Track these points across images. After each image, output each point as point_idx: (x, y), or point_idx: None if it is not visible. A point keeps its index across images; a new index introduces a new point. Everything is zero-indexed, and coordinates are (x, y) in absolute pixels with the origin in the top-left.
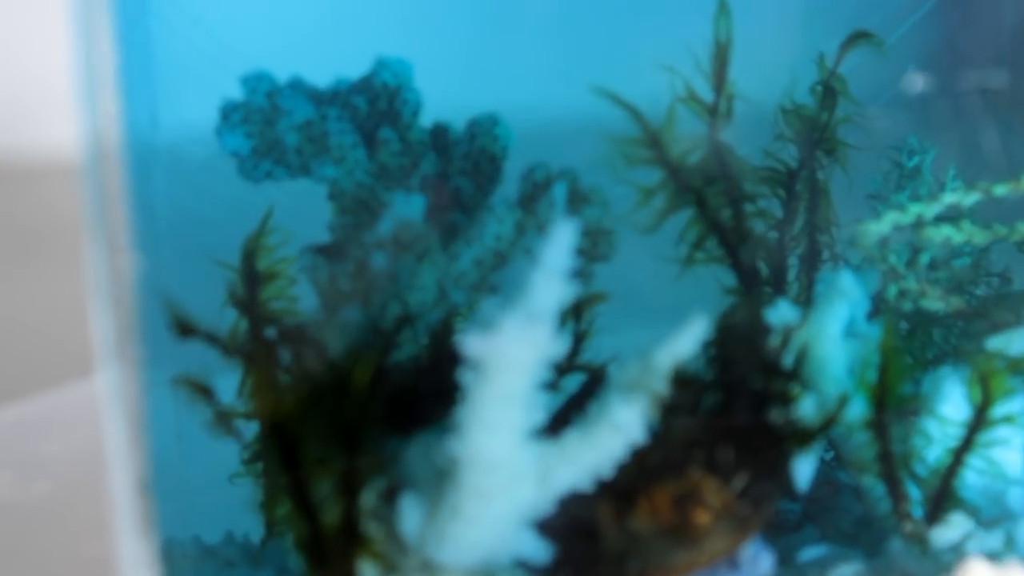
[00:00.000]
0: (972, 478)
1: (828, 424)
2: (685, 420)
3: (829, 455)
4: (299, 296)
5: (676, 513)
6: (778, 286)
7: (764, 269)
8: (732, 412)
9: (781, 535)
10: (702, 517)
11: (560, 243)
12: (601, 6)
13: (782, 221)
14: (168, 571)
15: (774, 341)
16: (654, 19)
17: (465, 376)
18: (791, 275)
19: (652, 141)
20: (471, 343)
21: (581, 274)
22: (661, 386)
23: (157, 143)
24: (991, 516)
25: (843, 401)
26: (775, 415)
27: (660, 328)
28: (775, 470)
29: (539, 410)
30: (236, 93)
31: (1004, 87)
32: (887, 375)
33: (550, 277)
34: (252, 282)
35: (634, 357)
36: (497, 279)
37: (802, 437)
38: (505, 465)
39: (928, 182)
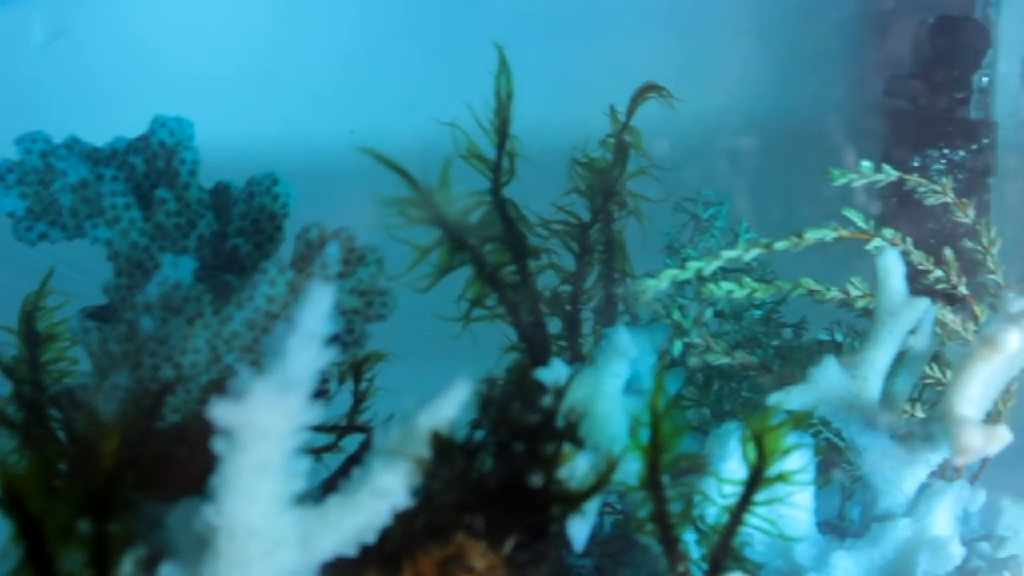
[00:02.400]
0: (759, 535)
1: (598, 487)
2: (451, 484)
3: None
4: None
5: None
6: (571, 340)
7: (557, 324)
8: (500, 474)
9: None
10: None
11: (316, 307)
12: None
13: (575, 274)
14: None
15: (546, 401)
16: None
17: (218, 444)
18: (587, 328)
19: (424, 201)
20: (220, 411)
21: (353, 334)
22: (423, 450)
23: None
24: (779, 572)
25: (612, 463)
26: (542, 477)
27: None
28: (545, 532)
29: (298, 477)
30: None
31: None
32: (658, 434)
33: (306, 342)
34: (31, 344)
35: (396, 421)
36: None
37: (570, 500)
38: (264, 533)
39: (716, 236)
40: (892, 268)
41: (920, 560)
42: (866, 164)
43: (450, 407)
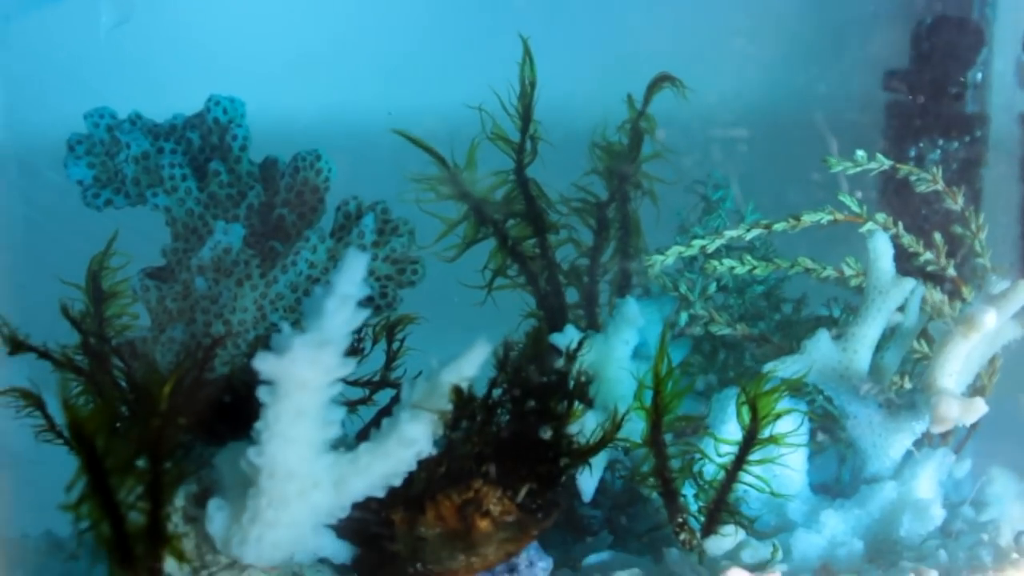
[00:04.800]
0: (756, 493)
1: (604, 442)
2: (471, 435)
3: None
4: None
5: (459, 520)
6: (589, 309)
7: (574, 294)
8: (515, 428)
9: (580, 539)
10: (482, 523)
11: (350, 272)
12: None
13: (593, 249)
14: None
15: (559, 363)
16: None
17: (262, 393)
18: (604, 299)
19: (452, 179)
20: (263, 362)
21: (386, 298)
22: (445, 404)
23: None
24: (772, 527)
25: (617, 421)
26: (552, 432)
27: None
28: (556, 482)
29: (333, 425)
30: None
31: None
32: (660, 396)
33: (341, 304)
34: (97, 300)
35: (422, 377)
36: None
37: (579, 453)
38: (301, 474)
39: (722, 216)
40: (882, 250)
41: (904, 520)
42: (860, 153)
43: (470, 366)
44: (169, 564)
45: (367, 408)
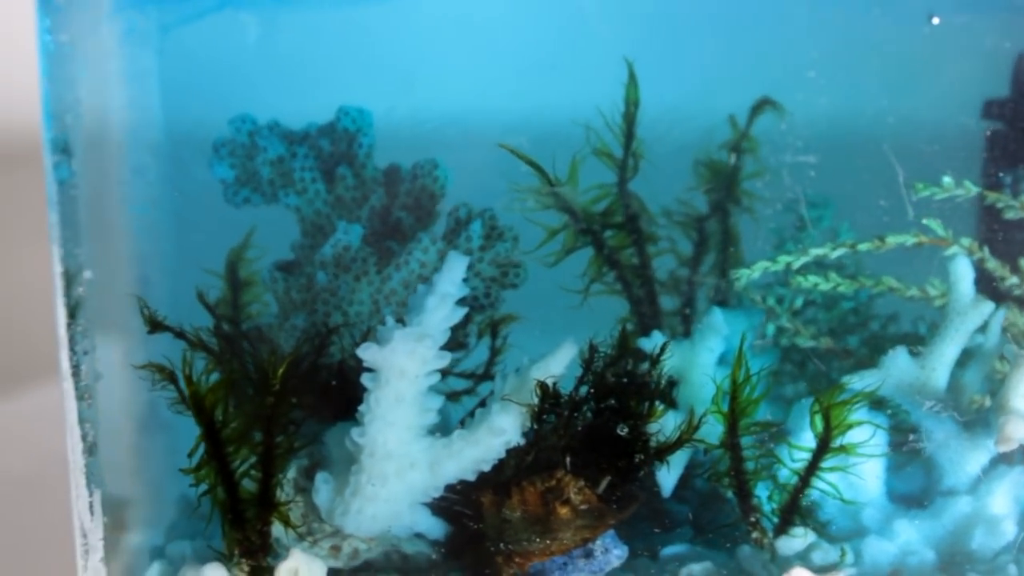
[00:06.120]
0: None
1: (681, 441)
2: (557, 428)
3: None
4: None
5: (541, 505)
6: (685, 318)
7: (670, 302)
8: (599, 424)
9: (661, 532)
10: (562, 510)
11: (451, 273)
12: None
13: (691, 259)
14: (153, 520)
15: (644, 366)
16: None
17: (365, 379)
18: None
19: (553, 191)
20: (367, 352)
21: (490, 298)
22: (534, 398)
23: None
24: (846, 532)
25: (694, 424)
26: (632, 430)
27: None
28: (633, 476)
29: (430, 412)
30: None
31: None
32: (736, 402)
33: (440, 302)
34: (234, 287)
35: (512, 373)
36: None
37: (657, 451)
38: (399, 455)
39: (812, 234)
40: (962, 273)
41: (976, 534)
42: (947, 179)
43: (558, 364)
44: (277, 529)
45: (471, 398)
